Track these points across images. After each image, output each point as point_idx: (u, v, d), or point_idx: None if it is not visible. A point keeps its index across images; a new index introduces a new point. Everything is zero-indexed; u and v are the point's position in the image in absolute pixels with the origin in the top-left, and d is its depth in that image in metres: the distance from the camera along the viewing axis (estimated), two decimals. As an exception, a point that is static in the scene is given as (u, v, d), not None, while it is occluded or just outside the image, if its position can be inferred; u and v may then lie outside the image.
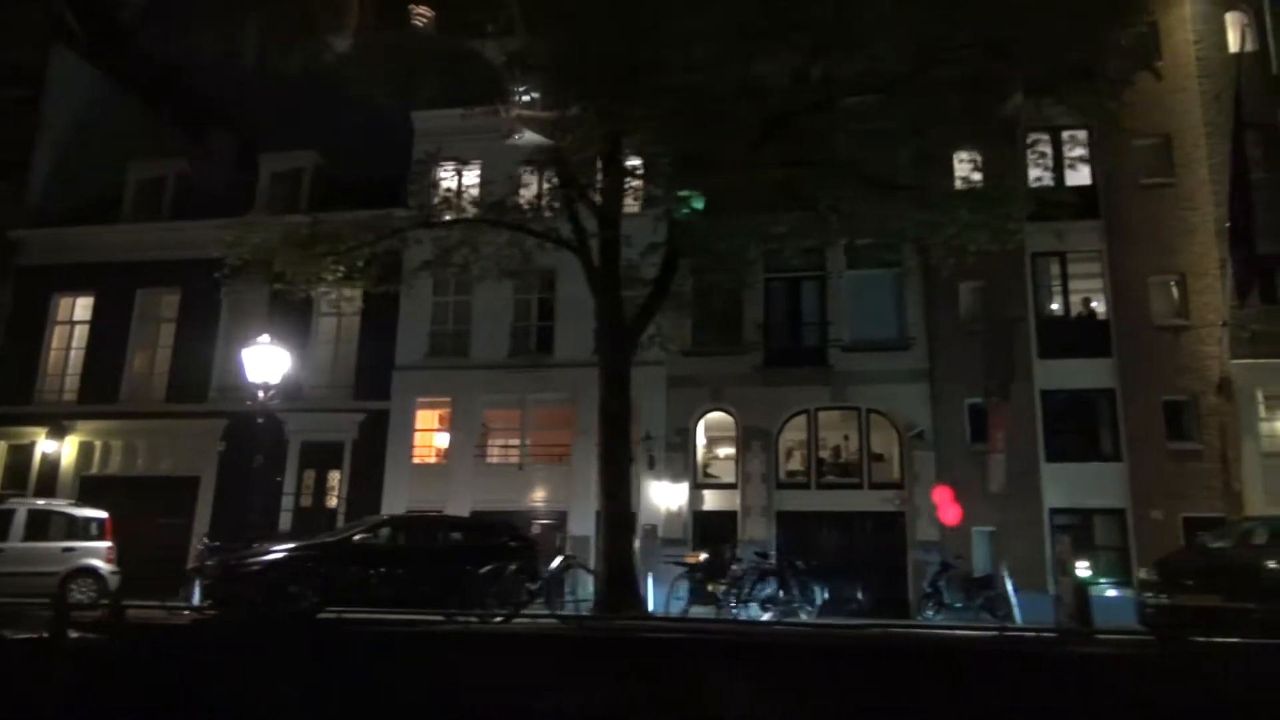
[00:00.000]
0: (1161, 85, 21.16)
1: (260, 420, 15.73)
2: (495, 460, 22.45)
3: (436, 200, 17.25)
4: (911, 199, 14.50)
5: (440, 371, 22.83)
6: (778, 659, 9.95)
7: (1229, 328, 19.40)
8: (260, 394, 14.66)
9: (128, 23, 29.27)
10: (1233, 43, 21.11)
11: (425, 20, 24.15)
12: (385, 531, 13.01)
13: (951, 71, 13.10)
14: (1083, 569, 11.99)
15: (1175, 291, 20.25)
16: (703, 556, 17.43)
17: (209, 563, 12.39)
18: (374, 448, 22.62)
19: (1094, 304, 20.88)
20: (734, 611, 14.55)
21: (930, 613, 17.42)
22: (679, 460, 21.41)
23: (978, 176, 16.78)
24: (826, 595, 14.52)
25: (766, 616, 14.20)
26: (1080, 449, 20.10)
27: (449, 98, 21.28)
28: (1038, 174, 21.34)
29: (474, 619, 11.43)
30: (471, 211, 16.01)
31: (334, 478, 22.89)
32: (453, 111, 21.57)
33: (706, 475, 21.93)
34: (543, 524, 21.44)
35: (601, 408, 15.20)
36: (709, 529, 21.05)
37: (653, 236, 15.86)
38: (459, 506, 21.66)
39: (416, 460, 22.67)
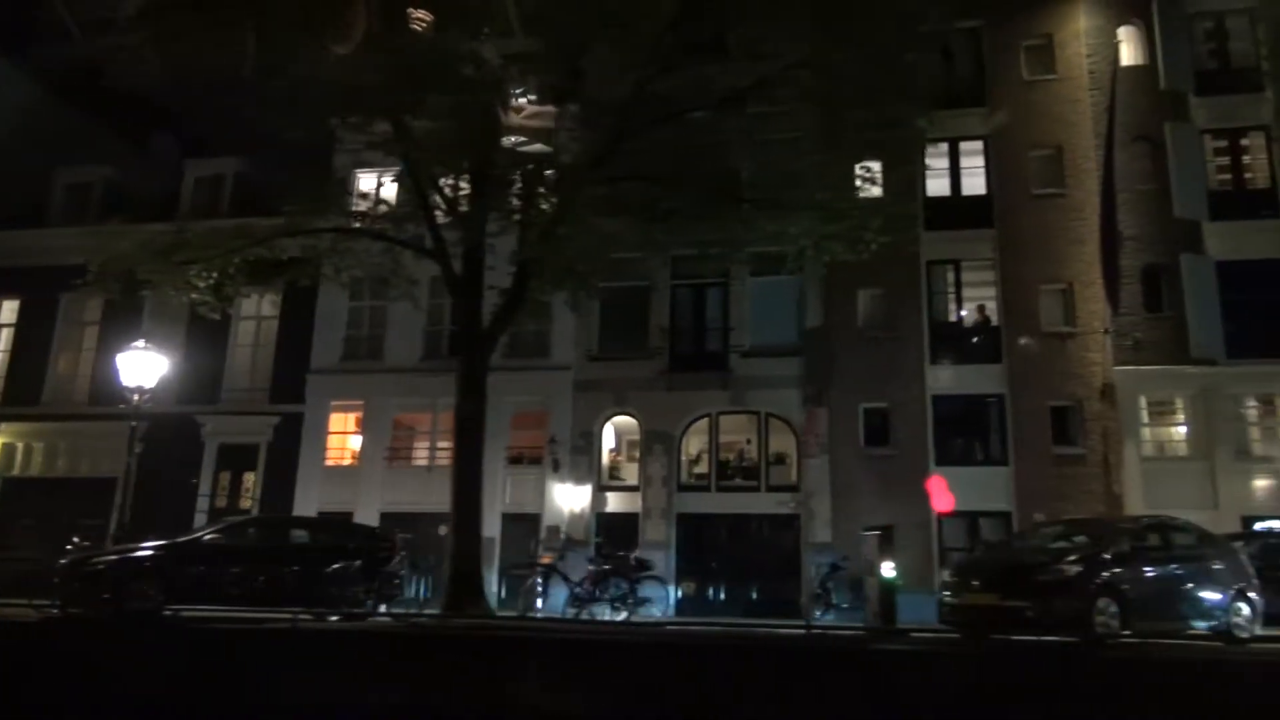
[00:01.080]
0: (1056, 98, 21.75)
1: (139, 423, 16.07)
2: (405, 462, 22.83)
3: (343, 207, 17.64)
4: (762, 210, 14.92)
5: (354, 375, 23.21)
6: (579, 656, 10.37)
7: (1109, 335, 19.93)
8: (135, 398, 15.00)
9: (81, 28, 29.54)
10: (1125, 57, 21.62)
11: (424, 24, 24.34)
12: (236, 532, 13.38)
13: (788, 90, 13.56)
14: (888, 570, 12.40)
15: (1063, 300, 20.71)
16: (554, 559, 17.84)
17: (62, 562, 12.76)
18: (289, 450, 22.98)
19: (988, 311, 21.33)
20: (590, 610, 14.93)
21: (819, 613, 17.82)
22: (583, 463, 21.82)
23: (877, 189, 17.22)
24: (679, 594, 14.90)
25: (622, 616, 14.60)
26: (969, 453, 20.59)
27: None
28: (936, 184, 22.04)
29: (312, 616, 11.81)
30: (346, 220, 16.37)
31: (249, 479, 23.26)
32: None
33: (613, 478, 22.35)
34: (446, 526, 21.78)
35: (456, 410, 15.60)
36: (612, 530, 21.46)
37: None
38: (368, 508, 22.11)
39: (330, 462, 23.04)
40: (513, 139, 14.76)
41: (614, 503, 21.85)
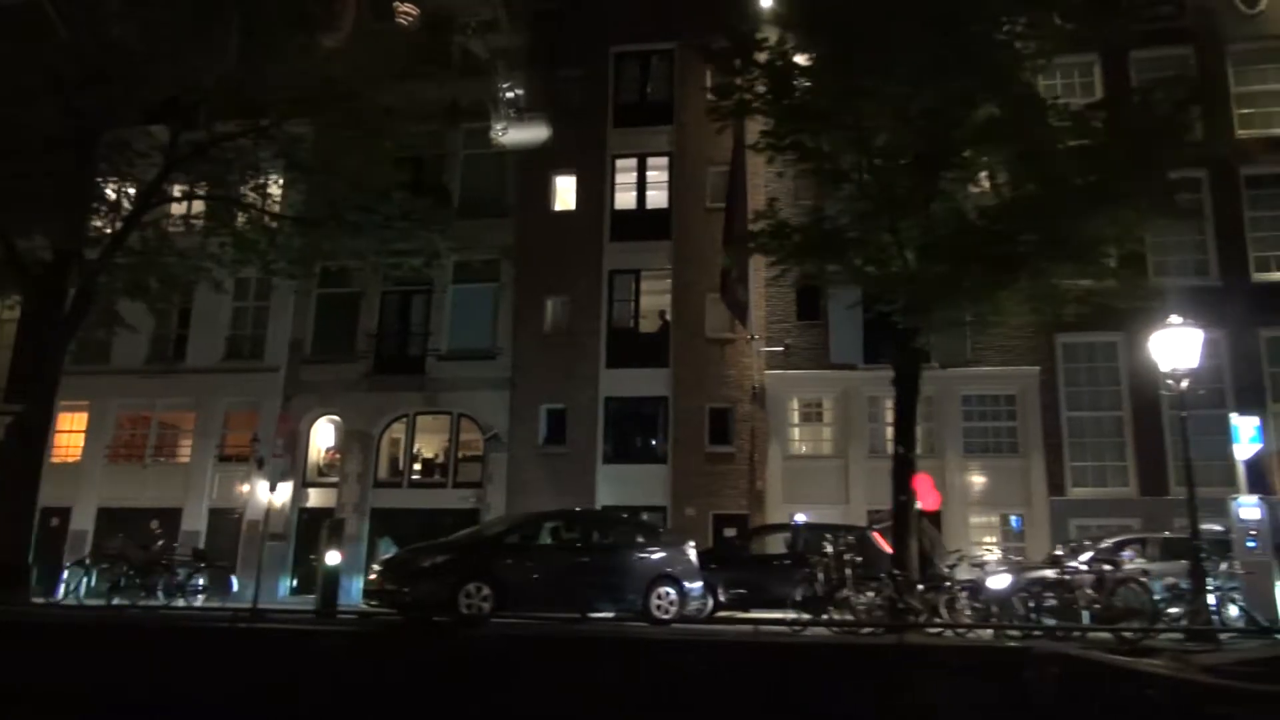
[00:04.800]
0: (738, 117, 23.03)
1: None
2: (123, 460, 23.87)
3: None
4: (345, 229, 16.07)
5: (82, 377, 24.13)
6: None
7: (757, 341, 21.30)
8: None
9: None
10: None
11: (410, 19, 25.06)
12: None
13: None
14: (332, 558, 13.68)
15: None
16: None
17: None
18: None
19: (667, 317, 22.66)
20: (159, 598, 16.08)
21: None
22: (288, 461, 22.93)
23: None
24: (235, 588, 16.07)
25: (199, 602, 15.80)
26: (634, 451, 21.96)
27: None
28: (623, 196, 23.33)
29: None
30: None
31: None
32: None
33: (321, 474, 23.52)
34: (157, 520, 22.85)
35: (20, 416, 16.53)
36: (313, 525, 22.59)
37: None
38: (86, 503, 23.20)
39: (55, 460, 23.94)
40: None
41: (315, 499, 23.02)
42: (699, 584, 13.25)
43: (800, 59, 12.15)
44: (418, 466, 23.02)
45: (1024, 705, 8.68)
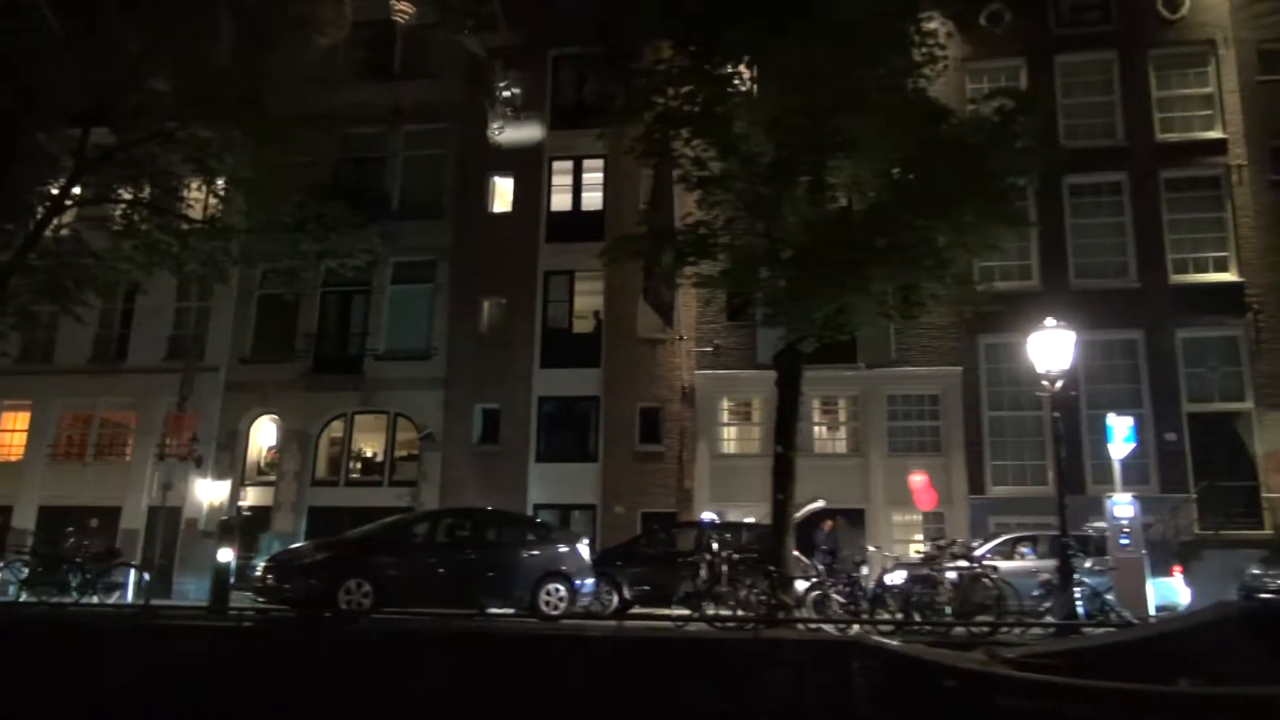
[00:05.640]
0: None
1: None
2: (65, 459, 24.10)
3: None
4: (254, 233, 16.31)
5: (25, 377, 24.41)
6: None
7: (686, 341, 21.58)
8: None
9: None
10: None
11: (406, 16, 25.22)
12: None
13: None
14: (223, 556, 13.97)
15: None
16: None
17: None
18: (-37, 447, 24.23)
19: (601, 317, 22.93)
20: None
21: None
22: (227, 460, 23.22)
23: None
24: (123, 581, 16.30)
25: (113, 599, 16.07)
26: (566, 450, 22.21)
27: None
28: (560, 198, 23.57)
29: None
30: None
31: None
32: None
33: (260, 473, 23.77)
34: (96, 519, 23.09)
35: None
36: (251, 523, 22.84)
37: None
38: (28, 502, 23.43)
39: (-2, 459, 24.29)
40: None
41: (254, 497, 23.27)
42: (590, 581, 13.53)
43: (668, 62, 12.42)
44: (355, 465, 23.28)
45: (851, 696, 8.98)
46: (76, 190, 15.54)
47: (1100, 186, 21.37)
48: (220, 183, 15.99)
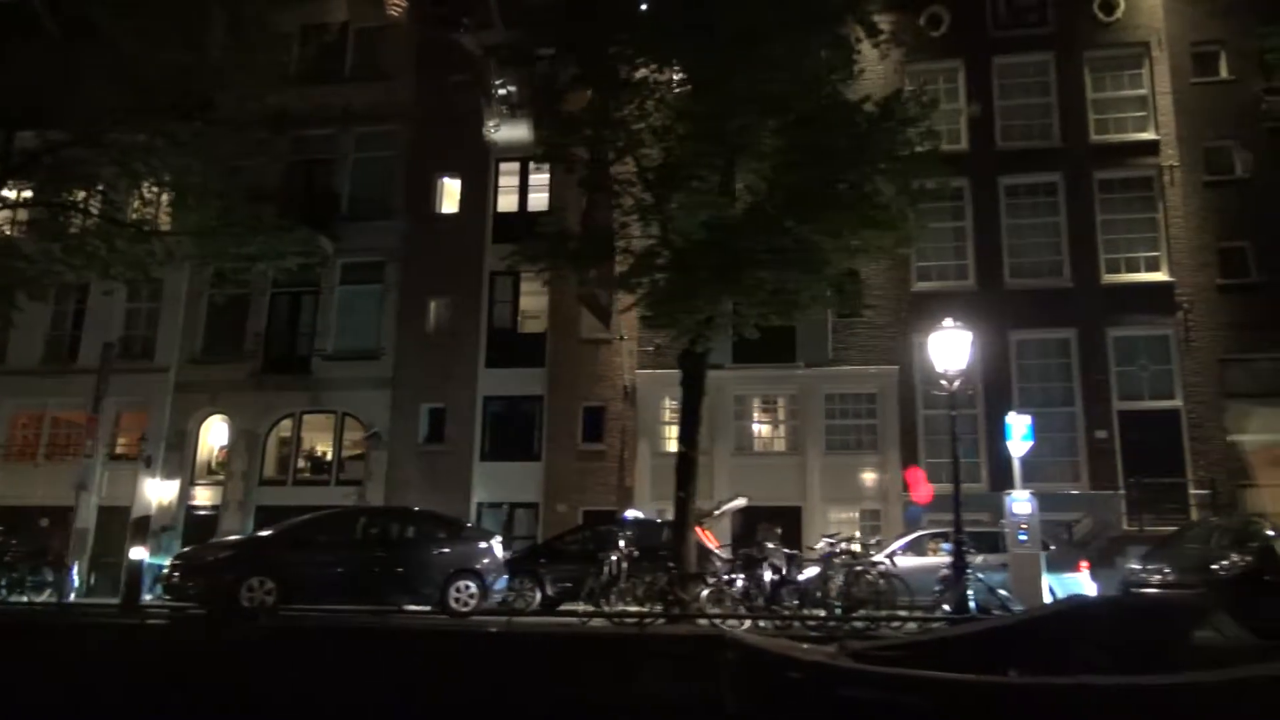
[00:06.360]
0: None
1: None
2: (17, 458, 24.28)
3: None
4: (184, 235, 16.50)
5: (-23, 376, 24.61)
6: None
7: (628, 341, 21.81)
8: None
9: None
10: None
11: (399, 10, 25.27)
12: None
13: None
14: (137, 554, 14.19)
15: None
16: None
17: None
18: (-82, 447, 24.38)
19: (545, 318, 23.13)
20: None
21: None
22: (176, 459, 23.42)
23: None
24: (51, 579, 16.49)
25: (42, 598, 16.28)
26: (511, 449, 22.44)
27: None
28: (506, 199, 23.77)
29: None
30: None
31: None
32: None
33: (211, 472, 23.98)
34: (47, 518, 23.30)
35: None
36: (199, 521, 23.10)
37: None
38: (-23, 501, 23.58)
39: (-50, 459, 24.45)
40: None
41: (203, 496, 23.48)
42: (503, 578, 13.77)
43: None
44: (303, 464, 23.50)
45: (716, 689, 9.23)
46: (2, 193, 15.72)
47: (1036, 187, 21.63)
48: (146, 186, 16.09)
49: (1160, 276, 20.68)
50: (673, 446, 21.99)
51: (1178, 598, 10.16)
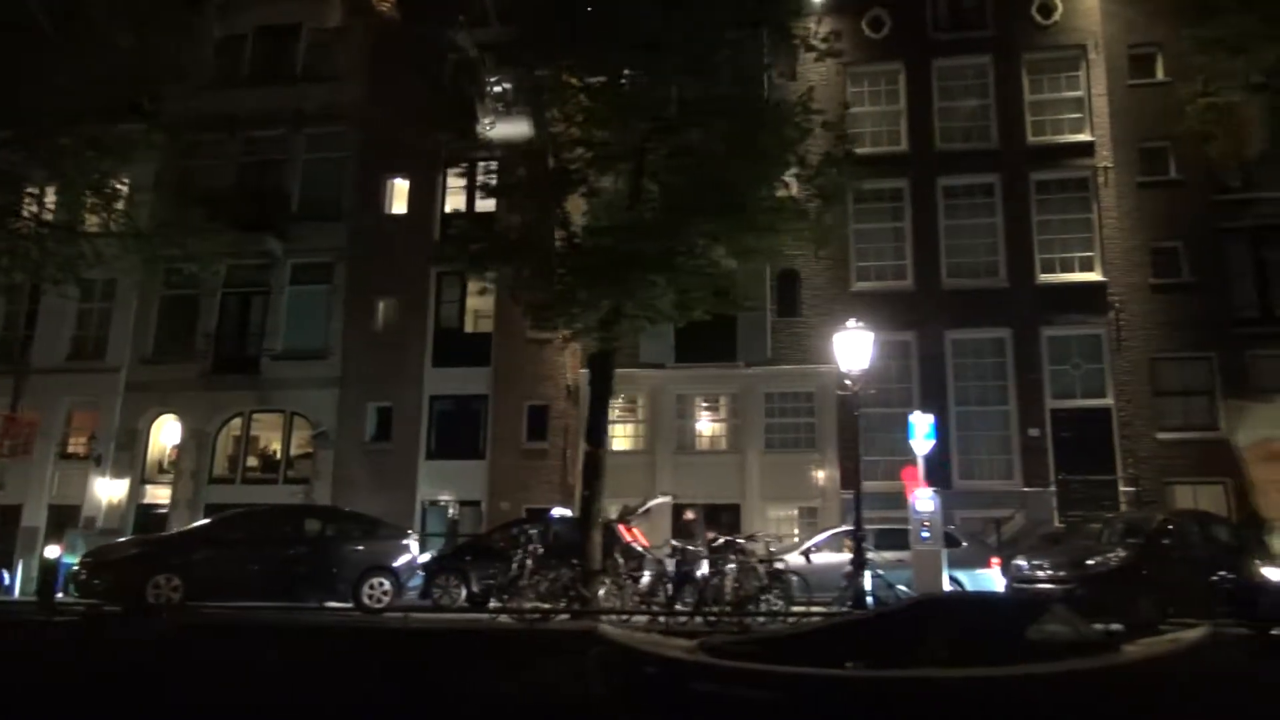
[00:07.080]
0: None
1: None
2: (-32, 459, 24.44)
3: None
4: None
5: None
6: None
7: (571, 341, 21.96)
8: None
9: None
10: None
11: (389, 4, 25.26)
12: None
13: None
14: (51, 552, 14.38)
15: (547, 308, 22.76)
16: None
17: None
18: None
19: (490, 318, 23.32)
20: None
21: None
22: (126, 459, 23.58)
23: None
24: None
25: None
26: (456, 448, 22.64)
27: None
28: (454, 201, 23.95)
29: None
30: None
31: None
32: None
33: (163, 471, 24.15)
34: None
35: None
36: (149, 520, 23.26)
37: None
38: (-70, 500, 23.72)
39: (-97, 459, 24.58)
40: None
41: (153, 495, 23.64)
42: (418, 575, 13.99)
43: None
44: (252, 463, 23.68)
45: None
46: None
47: (974, 188, 21.87)
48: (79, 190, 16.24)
49: (1094, 276, 20.93)
50: (615, 445, 22.44)
51: (1025, 594, 10.39)
